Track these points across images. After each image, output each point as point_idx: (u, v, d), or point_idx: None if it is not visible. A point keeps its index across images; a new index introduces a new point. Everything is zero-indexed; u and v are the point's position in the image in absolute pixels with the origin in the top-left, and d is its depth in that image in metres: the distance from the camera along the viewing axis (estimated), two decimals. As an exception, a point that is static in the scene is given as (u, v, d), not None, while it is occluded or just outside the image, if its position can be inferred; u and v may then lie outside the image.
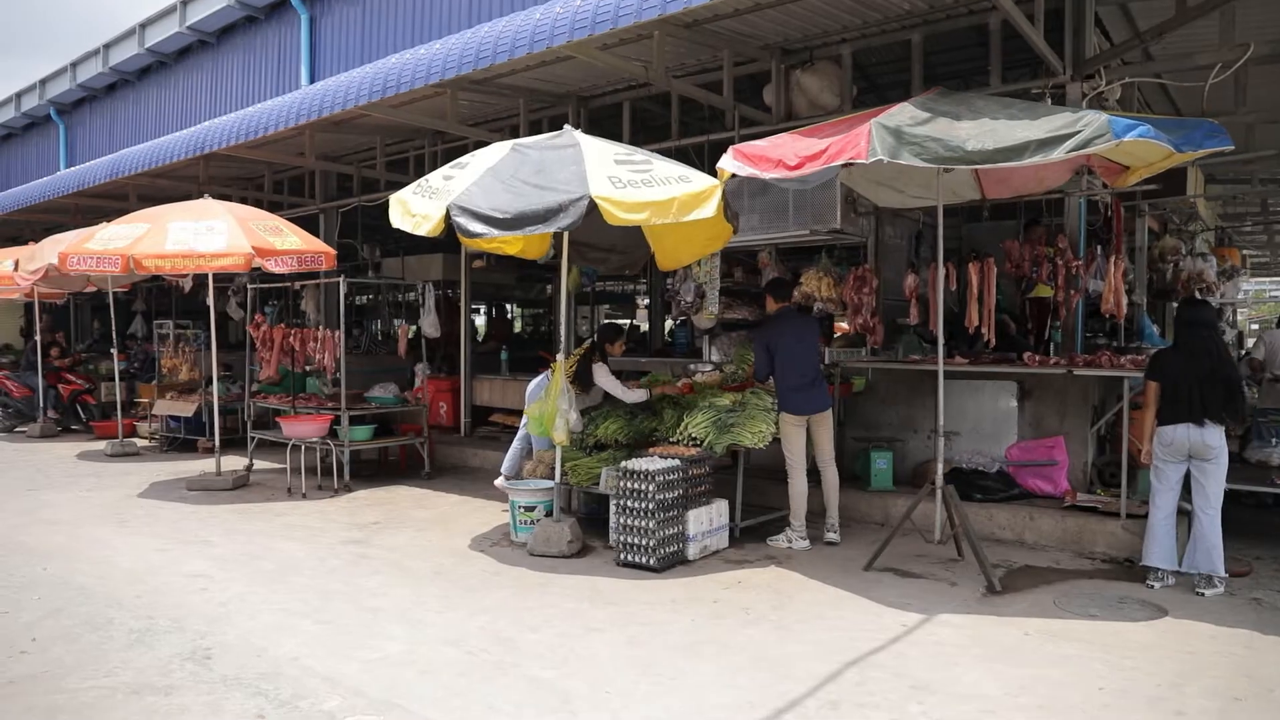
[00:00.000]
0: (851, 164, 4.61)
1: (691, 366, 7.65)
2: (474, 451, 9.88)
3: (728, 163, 5.16)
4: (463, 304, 10.93)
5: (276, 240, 7.85)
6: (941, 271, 5.61)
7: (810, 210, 7.30)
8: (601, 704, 3.67)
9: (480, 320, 21.28)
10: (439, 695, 3.75)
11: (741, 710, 3.63)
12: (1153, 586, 5.25)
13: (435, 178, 5.68)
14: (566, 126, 5.95)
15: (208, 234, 7.57)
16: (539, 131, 9.73)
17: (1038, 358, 6.48)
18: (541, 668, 4.04)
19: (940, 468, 5.66)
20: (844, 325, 8.70)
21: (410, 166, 11.52)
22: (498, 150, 5.68)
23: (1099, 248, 6.98)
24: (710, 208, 5.21)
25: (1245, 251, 16.20)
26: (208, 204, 8.15)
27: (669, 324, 15.02)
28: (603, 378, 6.75)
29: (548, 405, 5.93)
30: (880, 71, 9.37)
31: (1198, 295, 8.40)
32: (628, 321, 21.93)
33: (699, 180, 5.36)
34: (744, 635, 4.50)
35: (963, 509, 5.61)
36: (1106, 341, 8.13)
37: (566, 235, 5.98)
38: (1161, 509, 5.30)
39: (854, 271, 7.21)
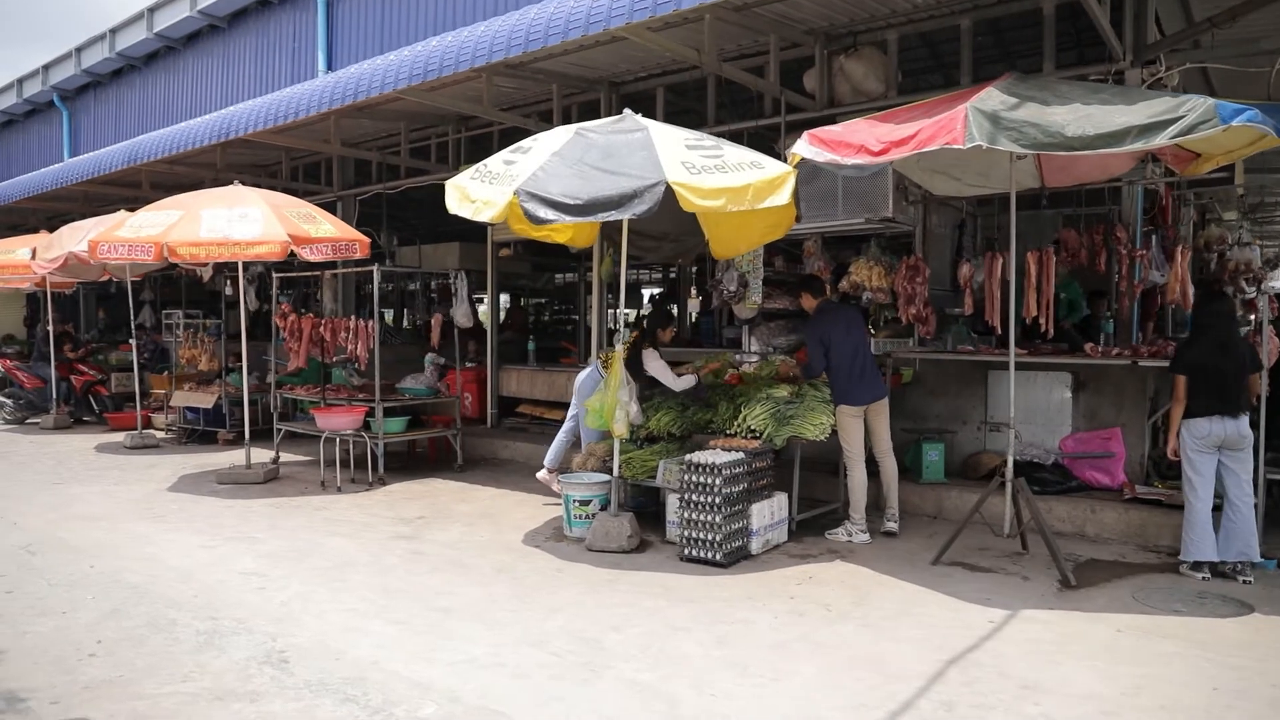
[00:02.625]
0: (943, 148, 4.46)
1: (737, 356, 7.51)
2: (504, 443, 9.73)
3: (803, 148, 5.01)
4: (489, 293, 10.75)
5: (311, 228, 7.65)
6: (1013, 261, 5.48)
7: (860, 198, 7.16)
8: (709, 708, 3.55)
9: (484, 309, 21.09)
10: (539, 700, 3.62)
11: (855, 712, 3.51)
12: (1207, 579, 5.19)
13: (495, 162, 5.51)
14: (627, 111, 5.79)
15: (242, 221, 7.36)
16: (570, 118, 9.58)
17: (1100, 348, 6.37)
18: (636, 670, 3.91)
19: (1011, 461, 5.57)
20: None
21: (432, 154, 11.32)
22: (561, 134, 5.51)
23: (1153, 237, 6.88)
24: (785, 194, 5.07)
25: (1261, 242, 16.16)
26: (239, 191, 7.93)
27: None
28: (653, 364, 6.62)
29: (608, 397, 5.79)
30: (902, 60, 9.24)
31: (1217, 286, 8.32)
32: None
33: (772, 166, 5.21)
34: (832, 633, 4.39)
35: (1035, 503, 5.51)
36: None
37: (626, 223, 5.84)
38: (1207, 502, 5.23)
39: (906, 261, 7.08)
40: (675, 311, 13.86)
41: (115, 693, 3.71)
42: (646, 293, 26.67)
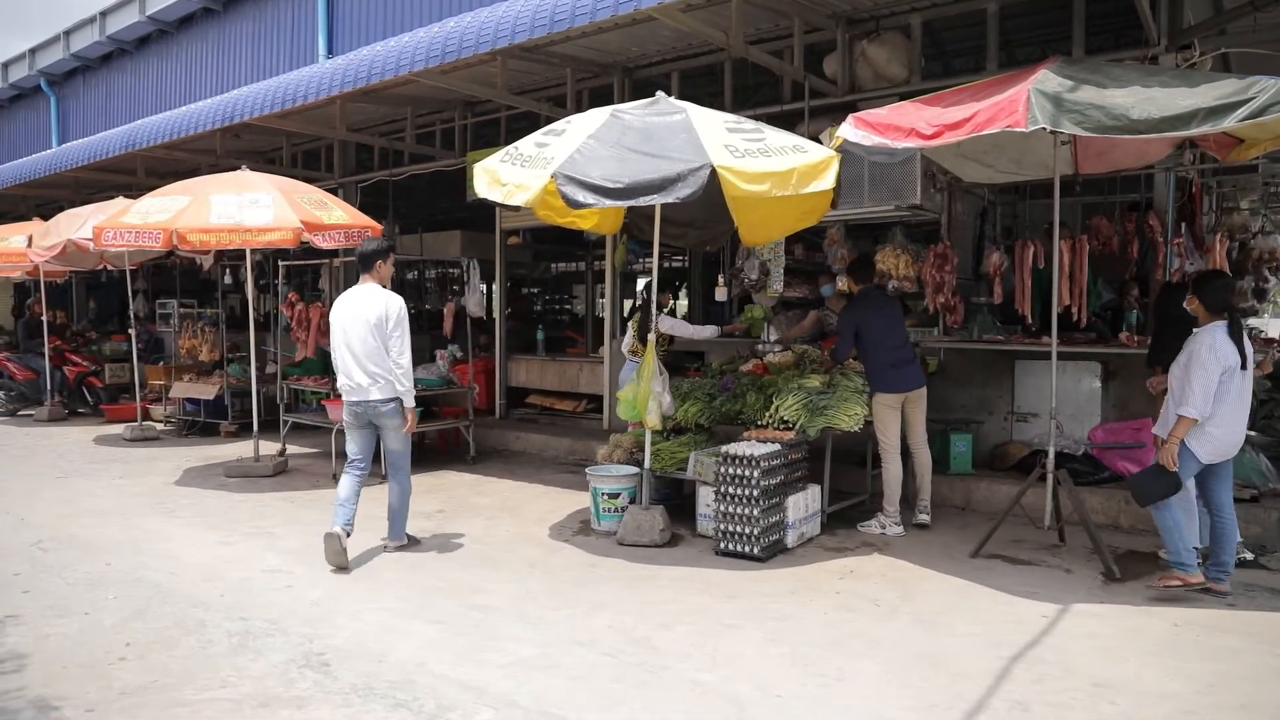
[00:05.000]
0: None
1: (760, 346, 7.37)
2: (515, 435, 9.56)
3: (848, 131, 4.87)
4: (498, 282, 10.56)
5: (323, 214, 7.43)
6: (1055, 249, 5.37)
7: (887, 185, 7.02)
8: (778, 709, 3.42)
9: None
10: (600, 704, 3.48)
11: (929, 712, 3.40)
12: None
13: (526, 145, 5.34)
14: (660, 94, 5.62)
15: (253, 207, 7.13)
16: (583, 103, 9.38)
17: (1135, 338, 6.28)
18: (695, 670, 3.78)
19: (1052, 452, 5.46)
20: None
21: (438, 139, 11.08)
22: (596, 116, 5.33)
23: (1183, 225, 6.79)
24: (829, 179, 4.93)
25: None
26: (247, 176, 7.69)
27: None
28: (665, 321, 6.87)
29: (641, 388, 5.65)
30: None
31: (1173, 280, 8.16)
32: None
33: (815, 150, 5.07)
34: (886, 629, 4.28)
35: (1078, 495, 5.42)
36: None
37: (659, 209, 5.69)
38: None
39: (934, 249, 6.97)
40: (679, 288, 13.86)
41: (153, 699, 3.54)
42: (641, 282, 26.57)
